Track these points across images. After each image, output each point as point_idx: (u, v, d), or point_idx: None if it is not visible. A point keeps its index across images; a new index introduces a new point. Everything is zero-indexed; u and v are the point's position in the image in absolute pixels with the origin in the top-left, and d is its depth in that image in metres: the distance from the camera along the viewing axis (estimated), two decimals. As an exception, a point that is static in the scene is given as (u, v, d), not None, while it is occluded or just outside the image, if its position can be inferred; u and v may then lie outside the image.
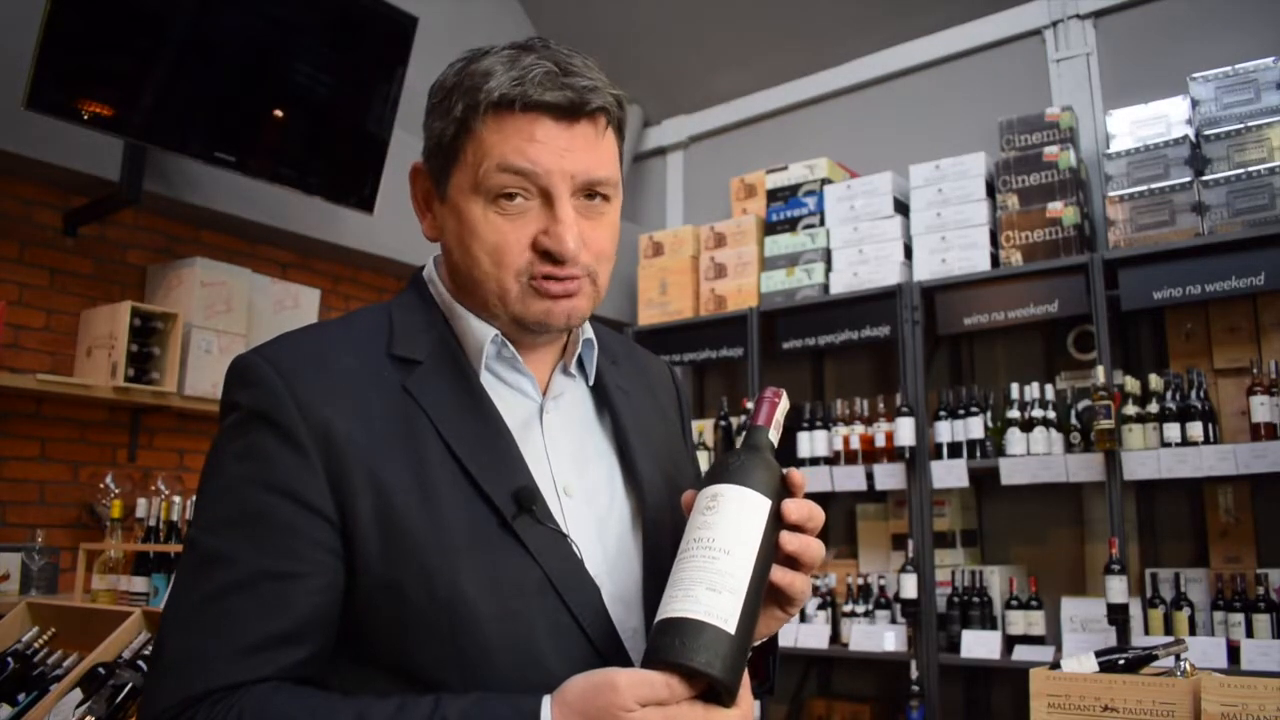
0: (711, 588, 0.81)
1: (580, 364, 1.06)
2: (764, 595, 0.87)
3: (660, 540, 0.98)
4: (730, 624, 0.80)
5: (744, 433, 0.95)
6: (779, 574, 0.89)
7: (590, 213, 0.96)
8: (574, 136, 0.94)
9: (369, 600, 0.88)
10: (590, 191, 0.95)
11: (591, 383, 1.07)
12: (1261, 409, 2.79)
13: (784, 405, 0.95)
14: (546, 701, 0.80)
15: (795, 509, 0.89)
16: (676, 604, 0.81)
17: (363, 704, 0.83)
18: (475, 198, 0.94)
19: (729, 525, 0.85)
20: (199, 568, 0.88)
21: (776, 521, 0.88)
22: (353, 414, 0.91)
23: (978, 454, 3.24)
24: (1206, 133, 3.03)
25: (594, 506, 0.99)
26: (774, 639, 1.04)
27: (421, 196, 1.03)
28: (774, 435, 0.93)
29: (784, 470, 0.91)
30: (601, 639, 0.91)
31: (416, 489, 0.89)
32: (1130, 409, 2.97)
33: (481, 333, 0.98)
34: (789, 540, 0.88)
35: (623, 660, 0.90)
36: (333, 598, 0.88)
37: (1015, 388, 3.21)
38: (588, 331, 1.05)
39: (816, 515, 0.91)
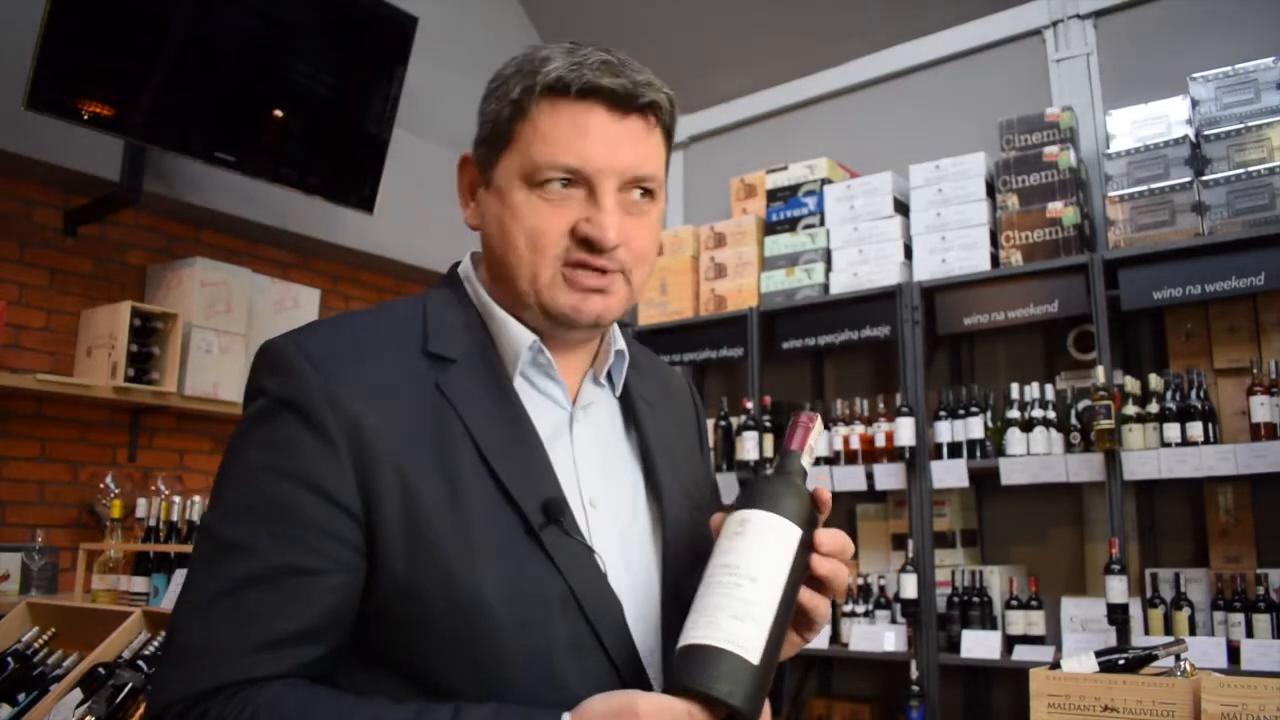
0: (735, 616, 0.80)
1: (609, 374, 1.05)
2: (789, 622, 0.86)
3: (680, 556, 0.97)
4: (754, 654, 0.79)
5: (777, 457, 0.94)
6: (805, 595, 0.88)
7: (633, 209, 0.96)
8: (625, 130, 0.94)
9: (387, 600, 0.86)
10: (636, 187, 0.95)
11: (619, 393, 1.06)
12: (1261, 409, 2.78)
13: (818, 430, 0.94)
14: (565, 719, 0.79)
15: (829, 540, 0.88)
16: (700, 631, 0.80)
17: (380, 707, 0.82)
18: (520, 182, 0.94)
19: (756, 552, 0.83)
20: (217, 557, 0.85)
21: (805, 549, 0.86)
22: (384, 409, 0.88)
23: (978, 454, 3.24)
24: (1206, 133, 3.02)
25: (618, 519, 0.97)
26: (784, 664, 1.02)
27: (467, 185, 1.02)
28: (807, 461, 0.92)
29: (812, 490, 0.90)
30: (621, 657, 0.89)
31: (444, 491, 0.87)
32: (1130, 409, 2.97)
33: (520, 337, 0.96)
34: (820, 564, 0.87)
35: (641, 680, 0.89)
36: (352, 595, 0.86)
37: (1015, 388, 3.21)
38: (619, 342, 1.04)
39: (848, 548, 0.91)
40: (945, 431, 3.29)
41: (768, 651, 0.80)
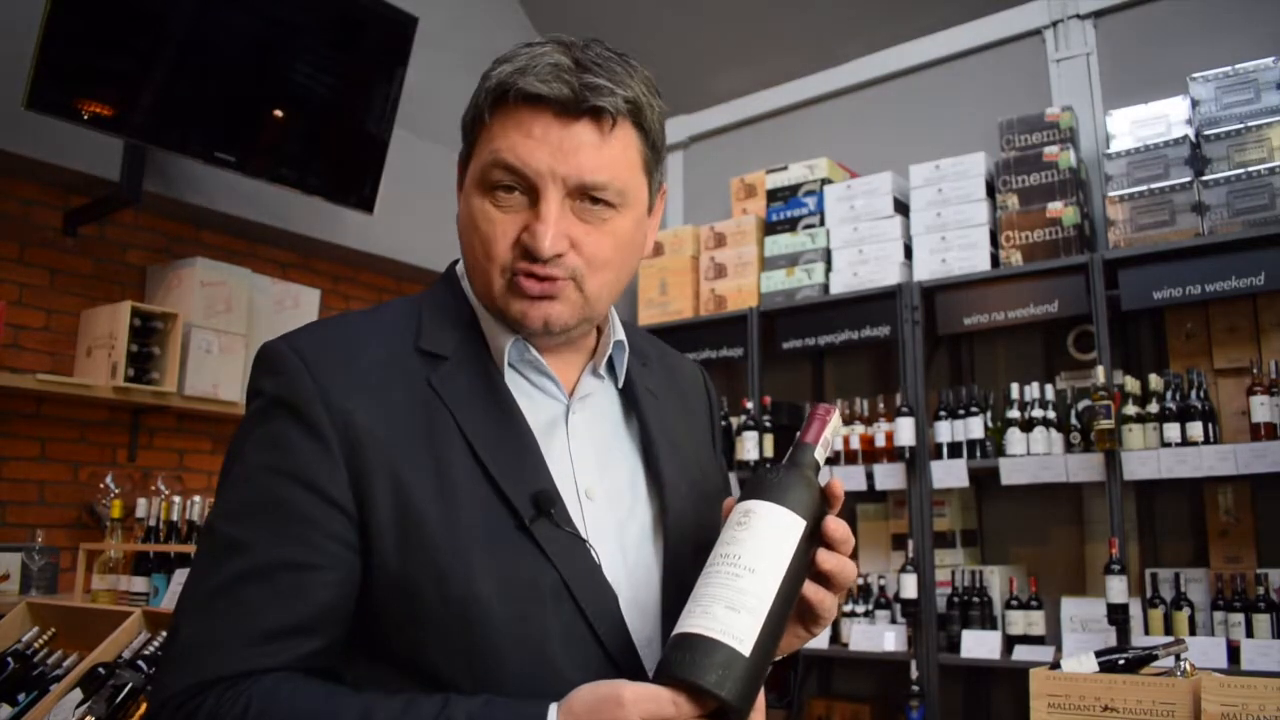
0: (731, 606, 0.79)
1: (611, 366, 1.05)
2: (789, 615, 0.85)
3: (681, 548, 0.97)
4: (746, 645, 0.78)
5: (790, 449, 0.93)
6: (810, 589, 0.88)
7: (588, 217, 0.93)
8: (572, 134, 0.91)
9: (383, 596, 0.88)
10: (590, 196, 0.92)
11: (621, 385, 1.06)
12: (1261, 409, 2.79)
13: (835, 423, 0.93)
14: (553, 710, 0.79)
15: (836, 527, 0.88)
16: (694, 620, 0.79)
17: (370, 699, 0.82)
18: (476, 186, 0.94)
19: (757, 543, 0.82)
20: (217, 554, 0.87)
21: (810, 543, 0.86)
22: (376, 407, 0.90)
23: (978, 454, 3.24)
24: (1206, 133, 3.02)
25: (615, 511, 0.97)
26: (795, 654, 1.02)
27: (457, 185, 1.03)
28: (821, 454, 0.91)
29: (824, 483, 0.89)
30: (616, 646, 0.89)
31: (435, 486, 0.88)
32: (1130, 409, 2.97)
33: (502, 335, 0.97)
34: (825, 558, 0.87)
35: (637, 669, 0.89)
36: (347, 591, 0.87)
37: (1015, 388, 3.21)
38: (619, 333, 1.04)
39: (850, 538, 0.90)
40: (945, 431, 3.29)
41: (762, 644, 0.79)
